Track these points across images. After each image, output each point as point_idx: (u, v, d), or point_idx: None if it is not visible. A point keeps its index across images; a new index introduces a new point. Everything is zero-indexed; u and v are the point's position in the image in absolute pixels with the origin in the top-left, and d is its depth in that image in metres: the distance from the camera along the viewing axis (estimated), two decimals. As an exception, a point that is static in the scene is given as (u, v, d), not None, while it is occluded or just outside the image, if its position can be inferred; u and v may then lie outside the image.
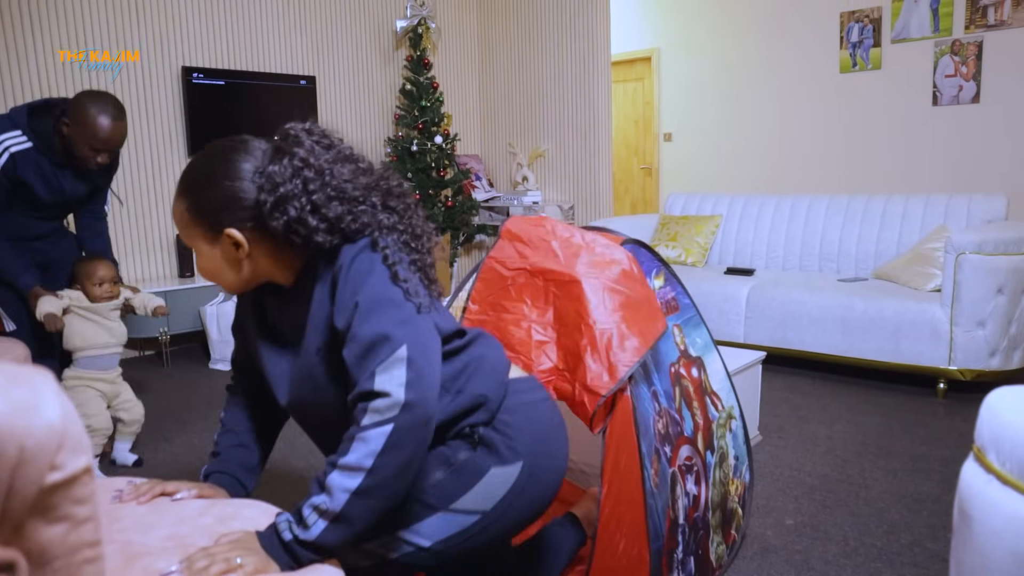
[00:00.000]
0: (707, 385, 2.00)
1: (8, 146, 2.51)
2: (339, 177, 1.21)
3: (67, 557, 0.59)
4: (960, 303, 3.27)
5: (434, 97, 5.62)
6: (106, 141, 2.53)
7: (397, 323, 1.14)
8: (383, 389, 1.10)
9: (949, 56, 5.26)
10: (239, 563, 1.05)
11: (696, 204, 4.93)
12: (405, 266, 1.22)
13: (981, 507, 0.96)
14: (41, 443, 0.54)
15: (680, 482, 1.73)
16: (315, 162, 1.20)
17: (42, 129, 2.56)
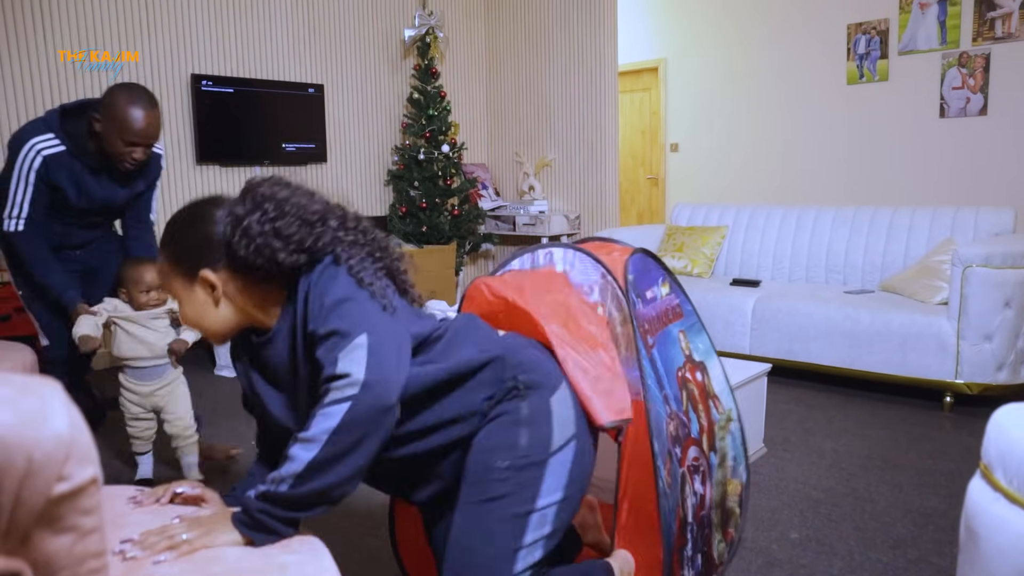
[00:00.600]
0: (709, 388, 2.03)
1: (40, 149, 2.42)
2: (297, 204, 1.29)
3: (73, 568, 0.59)
4: (967, 316, 3.26)
5: (441, 106, 5.64)
6: (139, 133, 2.39)
7: (361, 316, 1.21)
8: (344, 371, 1.15)
9: (956, 68, 5.26)
10: (184, 539, 1.12)
11: (702, 215, 4.92)
12: (371, 272, 1.29)
13: (988, 525, 0.95)
14: (49, 454, 0.54)
15: (689, 482, 1.76)
16: (274, 194, 1.29)
17: (75, 131, 2.46)
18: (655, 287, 1.91)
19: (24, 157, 2.41)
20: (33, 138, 2.42)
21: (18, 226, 2.48)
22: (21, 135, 2.45)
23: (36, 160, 2.41)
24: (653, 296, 1.89)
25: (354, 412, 1.13)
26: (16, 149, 2.43)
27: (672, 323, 1.94)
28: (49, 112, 2.51)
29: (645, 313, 1.81)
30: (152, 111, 2.40)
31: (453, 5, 6.23)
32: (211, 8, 4.80)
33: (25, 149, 2.41)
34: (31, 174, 2.43)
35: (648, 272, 1.91)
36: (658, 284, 1.94)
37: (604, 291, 1.78)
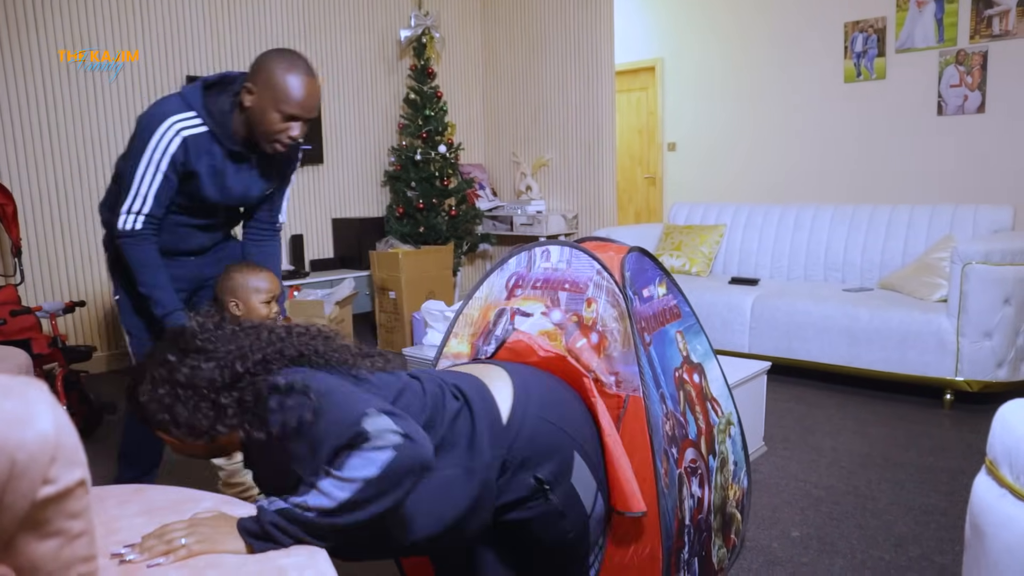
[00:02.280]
0: (707, 391, 2.01)
1: (180, 129, 2.00)
2: (189, 386, 1.24)
3: (60, 573, 0.57)
4: (967, 313, 3.25)
5: (438, 106, 5.62)
6: (301, 104, 1.98)
7: (356, 399, 1.19)
8: (376, 428, 1.12)
9: (954, 66, 5.25)
10: (182, 543, 1.10)
11: (700, 214, 4.91)
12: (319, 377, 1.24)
13: (994, 522, 0.94)
14: (34, 456, 0.52)
15: (686, 484, 1.74)
16: (172, 378, 1.25)
17: (218, 109, 2.05)
18: (652, 286, 1.90)
19: (160, 138, 1.98)
20: (173, 115, 2.00)
21: (136, 224, 2.03)
22: (158, 112, 2.02)
23: (174, 142, 2.00)
24: (650, 295, 1.88)
25: (397, 463, 1.12)
26: (149, 128, 1.99)
27: (669, 323, 1.93)
28: (187, 87, 2.08)
29: (642, 311, 1.80)
30: (314, 79, 2.01)
31: (449, 5, 6.22)
32: (206, 8, 4.78)
33: (163, 128, 1.98)
34: (164, 159, 2.00)
35: (645, 271, 1.90)
36: (655, 284, 1.93)
37: (600, 288, 1.77)
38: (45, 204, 4.19)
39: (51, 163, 4.19)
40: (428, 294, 4.80)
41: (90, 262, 4.37)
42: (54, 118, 4.18)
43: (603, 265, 1.79)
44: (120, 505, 1.26)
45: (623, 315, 1.71)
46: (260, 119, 1.99)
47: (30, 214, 4.13)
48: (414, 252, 4.99)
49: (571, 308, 1.78)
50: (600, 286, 1.77)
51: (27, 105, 4.09)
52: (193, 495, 1.31)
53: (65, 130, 4.22)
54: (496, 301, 1.91)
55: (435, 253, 5.12)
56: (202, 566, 1.06)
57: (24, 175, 4.10)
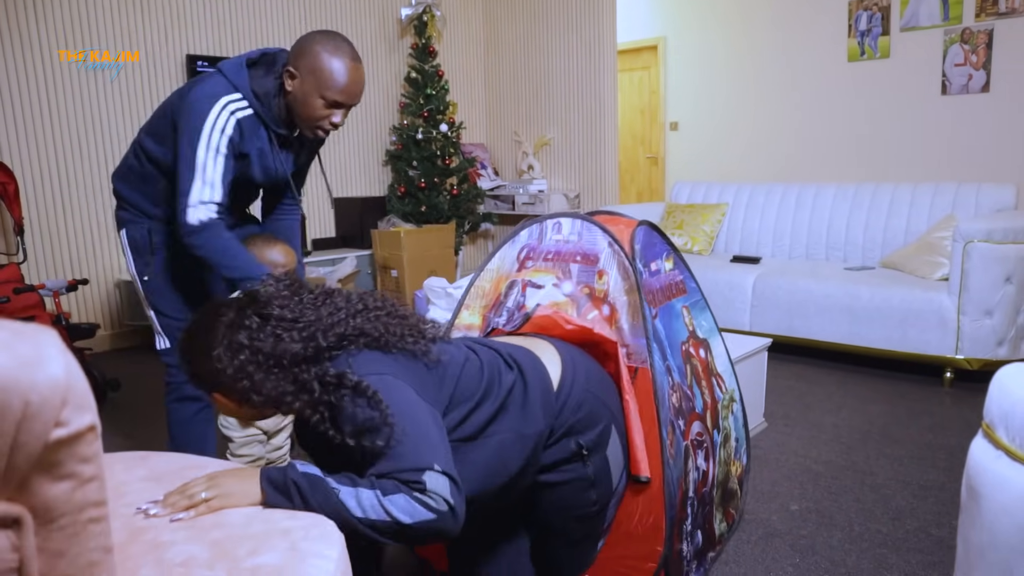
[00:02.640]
0: (712, 366, 2.02)
1: (233, 110, 1.88)
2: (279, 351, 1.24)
3: (73, 515, 0.58)
4: (968, 292, 3.25)
5: (439, 85, 5.60)
6: (345, 90, 1.89)
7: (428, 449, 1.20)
8: (433, 487, 1.16)
9: (959, 45, 5.22)
10: (203, 497, 1.13)
11: (702, 192, 4.91)
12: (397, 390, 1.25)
13: (990, 484, 0.95)
14: (46, 398, 0.53)
15: (692, 456, 1.76)
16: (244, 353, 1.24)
17: (264, 91, 1.93)
18: (659, 260, 1.92)
19: (216, 119, 1.85)
20: (224, 96, 1.87)
21: (209, 213, 1.85)
22: (208, 92, 1.87)
23: (230, 123, 1.87)
24: (657, 269, 1.89)
25: (431, 525, 1.16)
26: (200, 110, 1.85)
27: (676, 298, 1.94)
28: (227, 64, 1.94)
29: (649, 284, 1.81)
30: (359, 64, 1.92)
31: (451, -17, 6.18)
32: (207, -14, 4.76)
33: (217, 109, 1.85)
34: (223, 141, 1.86)
35: (653, 245, 1.92)
36: (662, 258, 1.94)
37: (610, 260, 1.78)
38: (47, 183, 4.19)
39: (52, 142, 4.19)
40: (430, 273, 4.81)
41: (92, 241, 4.38)
42: (55, 96, 4.17)
43: (614, 237, 1.80)
44: (127, 470, 1.28)
45: (633, 288, 1.73)
46: (303, 105, 1.91)
47: (32, 193, 4.13)
48: (416, 231, 5.00)
49: (582, 280, 1.80)
50: (611, 258, 1.78)
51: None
52: (198, 461, 1.33)
53: (66, 108, 4.21)
54: (508, 273, 1.92)
55: (437, 232, 5.12)
56: (208, 526, 1.08)
57: (26, 154, 4.10)
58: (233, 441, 2.11)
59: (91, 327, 3.56)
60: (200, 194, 1.83)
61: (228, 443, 2.12)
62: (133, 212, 2.08)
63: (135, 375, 3.86)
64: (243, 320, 1.26)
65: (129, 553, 1.01)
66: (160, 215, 2.06)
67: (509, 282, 1.90)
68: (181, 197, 1.84)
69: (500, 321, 1.84)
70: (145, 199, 2.06)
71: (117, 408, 3.37)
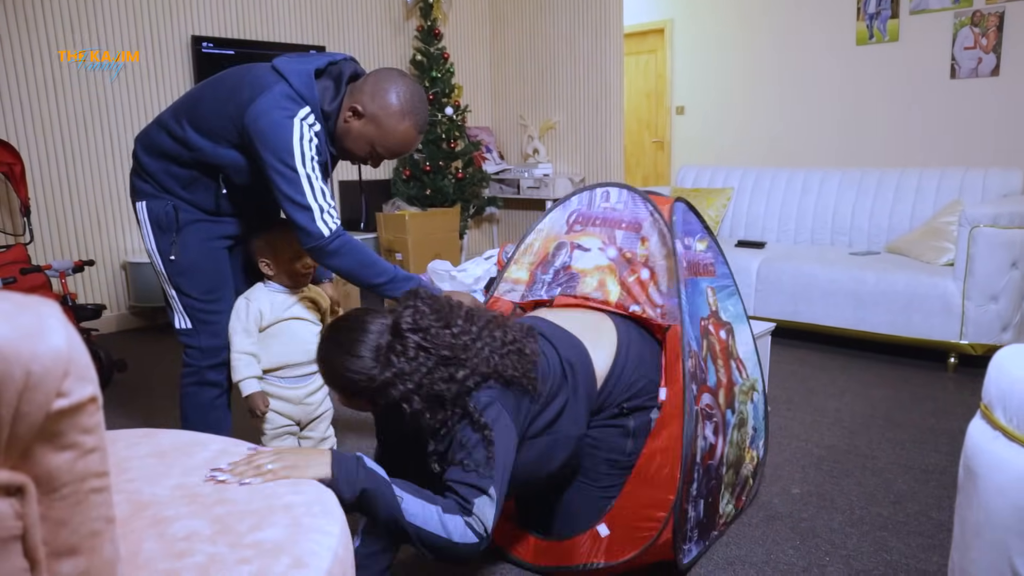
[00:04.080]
0: (733, 350, 2.06)
1: (311, 123, 1.82)
2: (437, 376, 1.46)
3: (75, 484, 0.59)
4: (973, 277, 3.24)
5: (445, 68, 5.58)
6: (397, 152, 1.91)
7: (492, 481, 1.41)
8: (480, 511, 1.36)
9: (969, 28, 5.17)
10: (269, 468, 1.21)
11: (708, 177, 4.89)
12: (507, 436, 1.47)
13: (987, 464, 0.95)
14: (48, 368, 0.54)
15: (700, 424, 1.79)
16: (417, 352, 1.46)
17: (329, 109, 1.88)
18: (692, 239, 2.02)
19: (301, 135, 1.80)
20: (300, 111, 1.82)
21: (334, 221, 1.83)
22: (280, 104, 1.80)
23: (313, 136, 1.83)
24: (688, 245, 2.00)
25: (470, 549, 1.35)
26: (283, 130, 1.78)
27: (702, 276, 2.01)
28: (295, 72, 1.84)
29: (682, 255, 1.93)
30: (424, 132, 1.93)
31: (457, -35, 6.13)
32: (211, -33, 4.73)
33: (298, 125, 1.80)
34: (313, 151, 1.83)
35: (689, 223, 2.03)
36: (695, 238, 2.04)
37: (651, 228, 1.94)
38: (53, 164, 4.20)
39: (59, 122, 4.19)
40: (434, 256, 4.81)
41: (99, 222, 4.39)
42: (60, 77, 4.17)
43: (655, 206, 1.96)
44: (130, 447, 1.29)
45: (670, 254, 1.87)
46: (352, 141, 1.89)
47: (38, 174, 4.14)
48: (421, 214, 4.99)
49: (626, 245, 1.97)
50: (652, 227, 1.94)
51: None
52: (201, 438, 1.34)
53: (72, 89, 4.21)
54: (557, 234, 2.08)
55: (442, 215, 5.12)
56: (210, 502, 1.10)
57: (32, 135, 4.10)
58: (265, 433, 2.09)
59: (97, 308, 3.57)
60: (320, 204, 1.80)
61: (260, 435, 2.10)
62: (155, 186, 2.00)
63: (141, 356, 3.88)
64: (397, 344, 1.46)
65: (132, 527, 1.02)
66: (186, 197, 1.99)
67: (558, 243, 2.05)
68: (300, 213, 1.79)
69: (546, 278, 2.00)
70: (171, 178, 1.98)
71: (123, 389, 3.40)
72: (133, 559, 0.95)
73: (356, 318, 1.52)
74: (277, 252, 2.01)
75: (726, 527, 2.03)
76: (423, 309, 1.50)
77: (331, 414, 2.21)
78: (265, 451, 1.25)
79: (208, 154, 1.91)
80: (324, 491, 1.17)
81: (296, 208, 1.79)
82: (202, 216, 2.01)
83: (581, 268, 1.97)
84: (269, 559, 0.95)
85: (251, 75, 1.87)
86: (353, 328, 1.49)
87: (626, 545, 1.70)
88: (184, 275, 2.02)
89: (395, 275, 1.88)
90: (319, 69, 1.87)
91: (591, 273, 1.95)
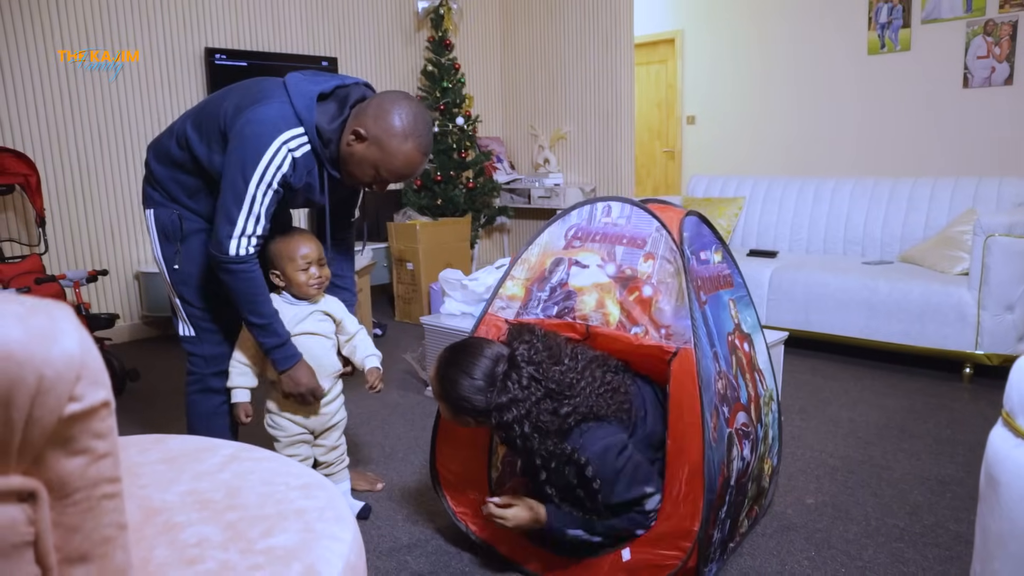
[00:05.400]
0: (755, 362, 2.03)
1: (290, 149, 1.81)
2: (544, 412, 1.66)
3: (87, 490, 0.59)
4: (988, 286, 3.21)
5: (455, 78, 5.60)
6: (401, 176, 1.88)
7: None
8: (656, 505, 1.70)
9: (982, 37, 5.14)
10: (506, 516, 1.76)
11: (719, 186, 4.87)
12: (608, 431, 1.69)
13: (1010, 472, 0.94)
14: (60, 372, 0.54)
15: (737, 445, 1.77)
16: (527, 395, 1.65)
17: (329, 132, 1.86)
18: (708, 251, 1.96)
19: (273, 156, 1.79)
20: (285, 131, 1.80)
21: (250, 247, 1.84)
22: (269, 125, 1.80)
23: (286, 161, 1.81)
24: (706, 259, 1.94)
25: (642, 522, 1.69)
26: (260, 144, 1.79)
27: (723, 289, 1.97)
28: (299, 90, 1.84)
29: (699, 271, 1.85)
30: (428, 155, 1.89)
31: (467, -24, 6.16)
32: (224, -21, 4.78)
33: (275, 146, 1.79)
34: (276, 177, 1.81)
35: (702, 236, 1.97)
36: (711, 250, 1.99)
37: (657, 243, 1.83)
38: (68, 175, 4.23)
39: (73, 133, 4.23)
40: (445, 266, 4.81)
41: (112, 232, 4.42)
42: (75, 88, 4.21)
43: (662, 222, 1.85)
44: (141, 453, 1.29)
45: (679, 271, 1.77)
46: (356, 166, 1.87)
47: (53, 185, 4.18)
48: (432, 224, 5.00)
49: (626, 262, 1.86)
50: (659, 242, 1.83)
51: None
52: (211, 443, 1.33)
53: (87, 101, 4.25)
54: (554, 250, 1.98)
55: (453, 225, 5.12)
56: (222, 508, 1.09)
57: (47, 146, 4.14)
58: (279, 441, 2.10)
59: (111, 317, 3.59)
60: (245, 226, 1.81)
61: (274, 443, 2.10)
62: (163, 195, 2.03)
63: (154, 365, 3.90)
64: (512, 373, 1.66)
65: (144, 534, 1.02)
66: (191, 206, 2.02)
67: (555, 259, 1.96)
68: (224, 224, 1.81)
69: (543, 296, 1.94)
70: (177, 186, 2.01)
71: (136, 398, 3.41)
72: (144, 566, 0.94)
73: (475, 344, 1.73)
74: (285, 263, 2.00)
75: (741, 539, 2.01)
76: (537, 345, 1.71)
77: (344, 423, 2.21)
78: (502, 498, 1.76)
79: (204, 161, 1.93)
80: (336, 496, 1.16)
81: (224, 218, 1.81)
82: (206, 226, 2.02)
83: (578, 286, 1.88)
84: (280, 566, 0.94)
85: (262, 84, 1.90)
86: (473, 353, 1.70)
87: (650, 571, 1.67)
88: (187, 284, 2.04)
89: (272, 325, 1.91)
90: (324, 93, 1.86)
91: (588, 291, 1.86)
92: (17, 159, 3.60)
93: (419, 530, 2.15)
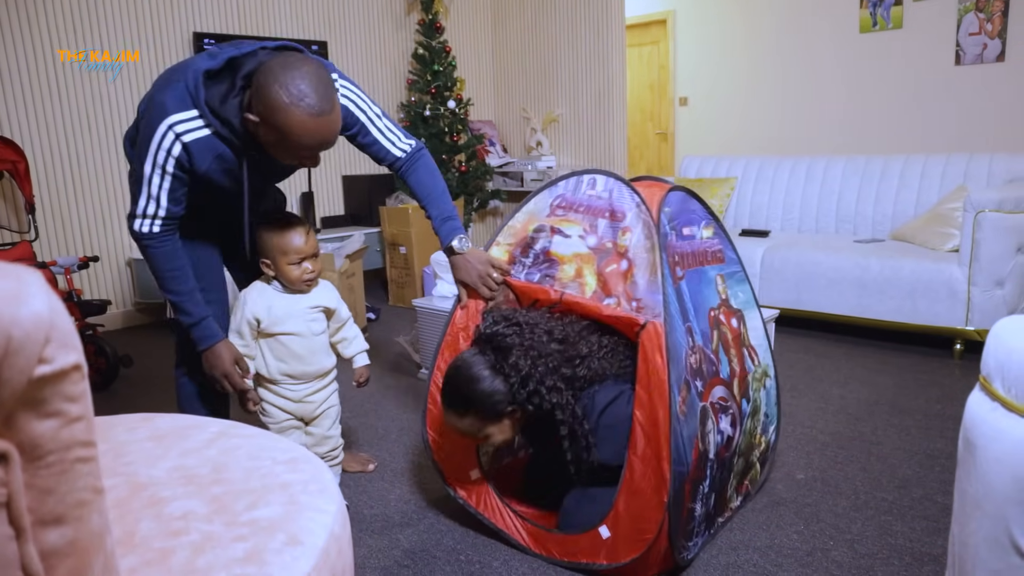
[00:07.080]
0: (745, 338, 2.04)
1: (178, 133, 1.74)
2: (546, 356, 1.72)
3: (60, 453, 0.59)
4: (978, 262, 3.22)
5: (447, 61, 5.57)
6: (312, 146, 1.73)
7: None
8: None
9: (974, 13, 5.13)
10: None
11: (711, 167, 4.87)
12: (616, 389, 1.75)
13: (986, 435, 0.95)
14: (29, 333, 0.54)
15: (712, 418, 1.77)
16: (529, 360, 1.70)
17: (224, 114, 1.75)
18: (695, 227, 1.97)
19: (161, 140, 1.75)
20: (172, 115, 1.73)
21: (152, 227, 1.84)
22: (157, 108, 1.75)
23: (175, 147, 1.76)
24: (691, 234, 1.95)
25: None
26: (149, 126, 1.76)
27: (710, 265, 1.98)
28: (192, 72, 1.73)
29: (679, 247, 1.87)
30: (327, 113, 1.69)
31: (457, -42, 6.12)
32: (212, -37, 4.74)
33: (161, 131, 1.74)
34: (169, 162, 1.77)
35: (691, 211, 1.98)
36: (699, 226, 2.00)
37: (636, 219, 1.86)
38: (57, 161, 4.21)
39: (62, 120, 4.20)
40: (438, 248, 4.81)
41: (103, 218, 4.41)
42: (62, 76, 4.18)
43: (642, 198, 1.87)
44: (129, 431, 1.29)
45: (654, 247, 1.79)
46: (272, 148, 1.77)
47: (42, 171, 4.16)
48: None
49: (607, 235, 1.88)
50: (637, 217, 1.86)
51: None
52: (199, 421, 1.34)
53: (74, 87, 4.23)
54: (539, 217, 2.01)
55: (445, 209, 5.11)
56: (208, 483, 1.10)
57: (36, 132, 4.12)
58: (268, 428, 2.10)
59: (102, 303, 3.58)
60: (145, 208, 1.82)
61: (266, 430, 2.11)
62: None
63: (147, 352, 3.90)
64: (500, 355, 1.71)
65: (130, 507, 1.02)
66: None
67: (538, 224, 1.99)
68: (132, 203, 1.85)
69: (527, 261, 1.97)
70: None
71: (130, 384, 3.41)
72: (129, 539, 0.95)
73: (451, 364, 1.78)
74: (277, 255, 1.97)
75: (732, 514, 2.02)
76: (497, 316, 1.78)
77: (337, 412, 2.22)
78: None
79: None
80: (321, 469, 1.16)
81: (132, 198, 1.85)
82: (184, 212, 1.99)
83: (559, 254, 1.92)
84: (264, 536, 0.95)
85: (176, 66, 1.83)
86: (458, 368, 1.74)
87: (629, 546, 1.68)
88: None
89: (183, 304, 1.89)
90: (212, 71, 1.74)
91: (569, 260, 1.89)
92: (4, 145, 3.58)
93: (411, 509, 2.17)
